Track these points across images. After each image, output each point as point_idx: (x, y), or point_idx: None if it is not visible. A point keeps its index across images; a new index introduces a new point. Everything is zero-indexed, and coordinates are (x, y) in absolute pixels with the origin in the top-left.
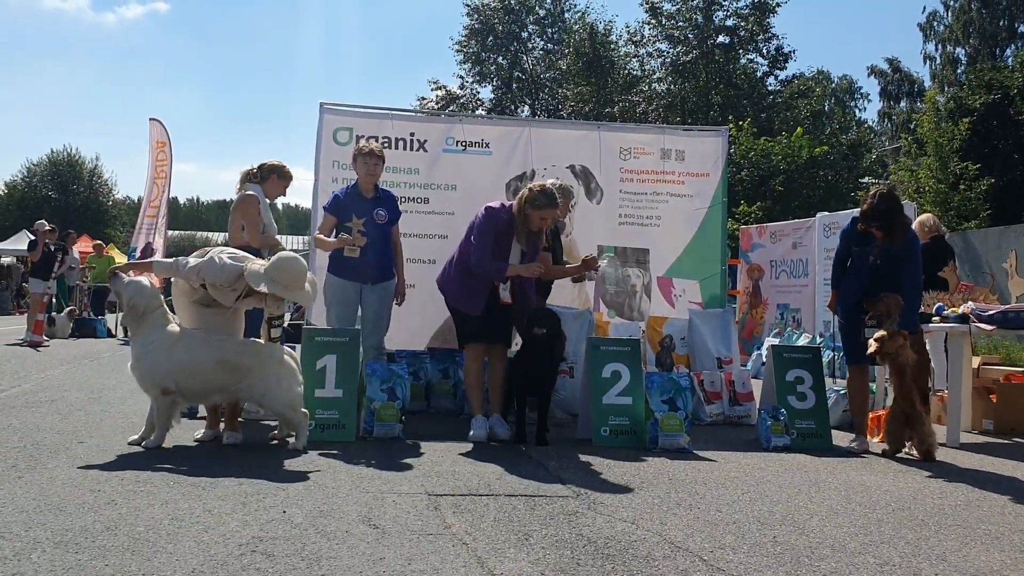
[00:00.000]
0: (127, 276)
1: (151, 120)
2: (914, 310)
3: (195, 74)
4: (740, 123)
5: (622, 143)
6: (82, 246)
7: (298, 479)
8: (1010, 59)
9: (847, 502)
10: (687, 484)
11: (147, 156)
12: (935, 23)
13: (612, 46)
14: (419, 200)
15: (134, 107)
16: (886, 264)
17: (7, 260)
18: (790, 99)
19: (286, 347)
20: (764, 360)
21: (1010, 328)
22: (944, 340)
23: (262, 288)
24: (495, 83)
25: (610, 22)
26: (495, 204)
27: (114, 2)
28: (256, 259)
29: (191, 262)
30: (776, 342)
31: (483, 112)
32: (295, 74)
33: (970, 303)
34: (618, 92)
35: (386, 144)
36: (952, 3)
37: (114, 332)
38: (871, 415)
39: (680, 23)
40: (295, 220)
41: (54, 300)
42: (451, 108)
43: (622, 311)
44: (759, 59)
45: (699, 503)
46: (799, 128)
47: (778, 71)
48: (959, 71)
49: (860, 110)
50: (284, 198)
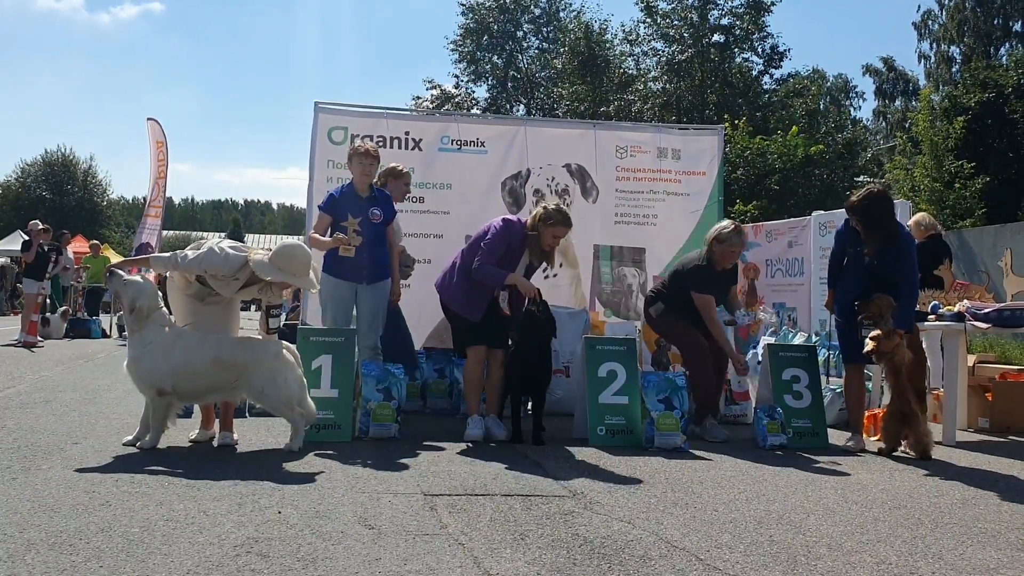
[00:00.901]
0: (126, 275)
1: (149, 120)
2: (910, 310)
3: (190, 74)
4: (736, 122)
5: (618, 142)
6: (76, 246)
7: (294, 480)
8: (1004, 58)
9: (843, 501)
10: (683, 483)
11: (148, 156)
12: (930, 22)
13: (607, 45)
14: (414, 199)
15: (129, 107)
16: (881, 264)
17: (1, 260)
18: (785, 98)
19: (285, 342)
20: (760, 359)
21: (1005, 326)
22: (940, 338)
23: (270, 277)
24: (490, 82)
25: (605, 21)
26: (512, 218)
27: (108, 2)
28: (258, 249)
29: (190, 255)
30: (772, 341)
31: (478, 111)
32: (290, 74)
33: (966, 301)
34: (613, 91)
35: (381, 143)
36: (947, 2)
37: (109, 332)
38: (867, 414)
39: (675, 22)
40: (290, 220)
41: (48, 301)
42: (446, 107)
43: (618, 310)
44: (754, 58)
45: (695, 502)
46: (794, 127)
47: (773, 70)
48: (954, 70)
49: (855, 109)
50: (281, 198)
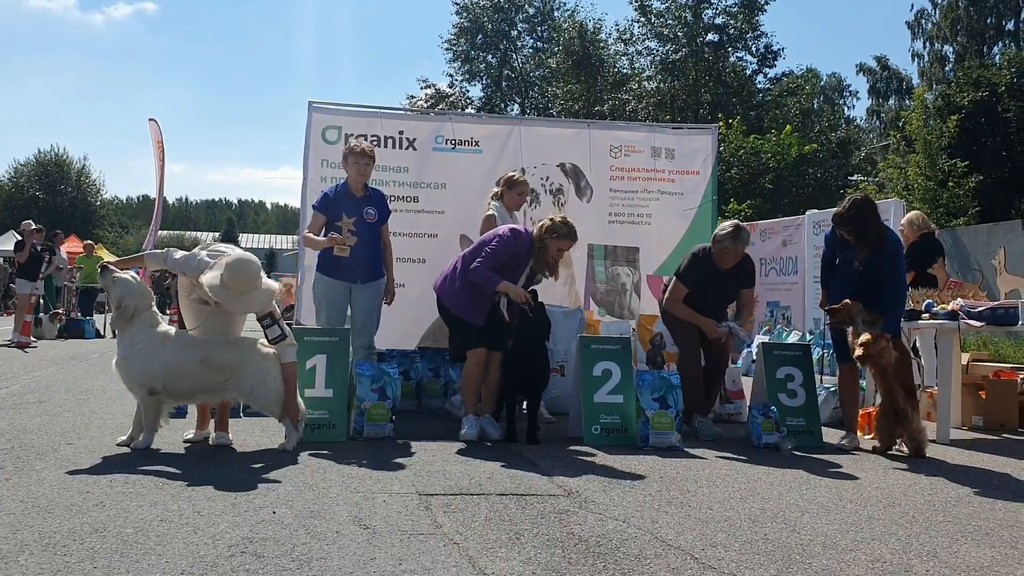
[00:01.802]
0: (117, 272)
1: (150, 121)
2: (898, 314)
3: (184, 74)
4: (730, 121)
5: (612, 141)
6: (70, 246)
7: (288, 479)
8: (998, 56)
9: (838, 499)
10: (678, 482)
11: (152, 157)
12: (923, 21)
13: (601, 44)
14: (408, 199)
15: (122, 107)
16: (870, 268)
17: None
18: (779, 97)
19: None
20: (754, 358)
21: (999, 325)
22: (934, 337)
23: (214, 298)
24: (485, 81)
25: (599, 20)
26: (520, 227)
27: (101, 2)
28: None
29: (177, 256)
30: (766, 339)
31: (472, 110)
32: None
33: (959, 300)
34: (608, 90)
35: (375, 143)
36: (940, 1)
37: (103, 332)
38: (861, 412)
39: (669, 21)
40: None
41: (42, 301)
42: (440, 106)
43: (612, 309)
44: (748, 57)
45: (690, 501)
46: (788, 126)
47: (767, 69)
48: (947, 69)
49: (849, 108)
50: (274, 197)
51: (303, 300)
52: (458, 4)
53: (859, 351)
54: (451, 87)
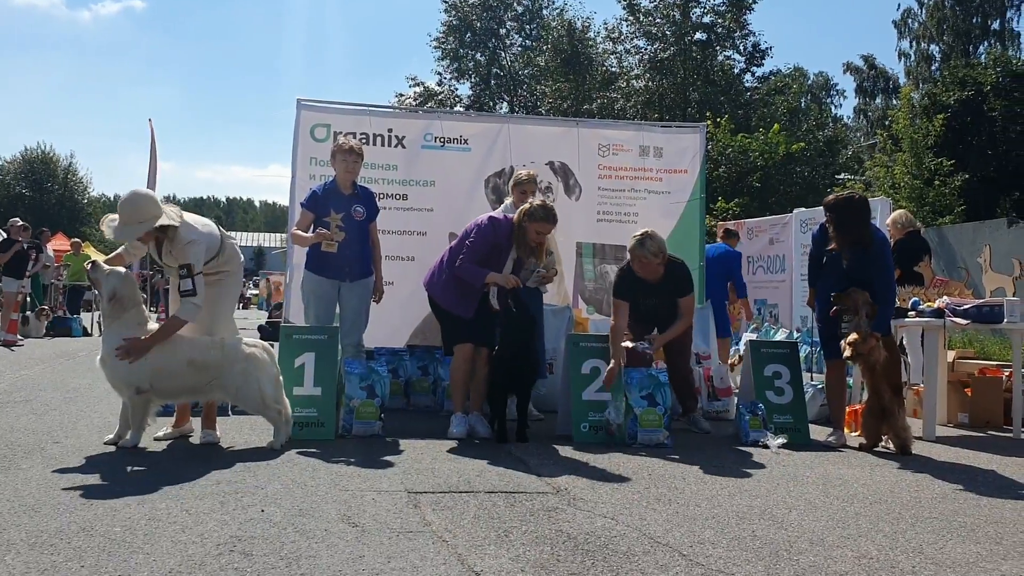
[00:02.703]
0: (107, 266)
1: (151, 120)
2: (887, 313)
3: (171, 72)
4: (718, 120)
5: (600, 140)
6: (56, 244)
7: (277, 478)
8: (983, 56)
9: (825, 496)
10: (666, 479)
11: (146, 154)
12: (910, 20)
13: (590, 43)
14: (397, 196)
15: (110, 105)
16: (857, 267)
17: None
18: (767, 96)
19: (261, 341)
20: (742, 355)
21: (984, 322)
22: (920, 334)
23: (110, 235)
24: (473, 79)
25: (588, 19)
26: (499, 215)
27: None
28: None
29: None
30: (754, 337)
31: (461, 109)
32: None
33: (945, 298)
34: (596, 89)
35: (364, 140)
36: (926, 0)
37: (90, 331)
38: (848, 409)
39: (657, 20)
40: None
41: (28, 299)
42: (429, 104)
43: (601, 307)
44: (736, 56)
45: (678, 498)
46: (776, 125)
47: (755, 68)
48: (933, 68)
49: (836, 107)
50: (263, 195)
51: (292, 298)
52: (447, 2)
53: (848, 351)
54: (440, 85)
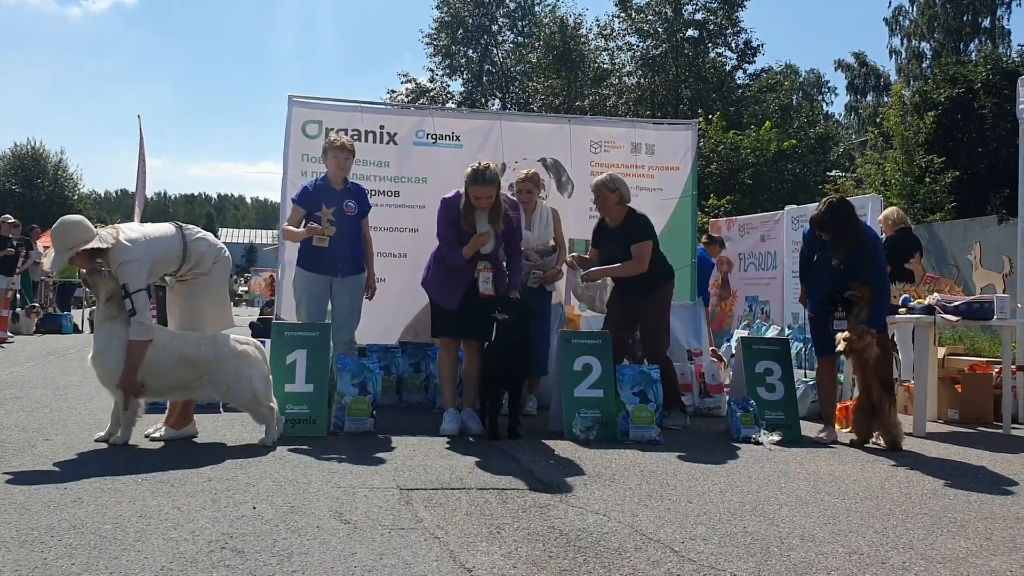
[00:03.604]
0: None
1: (139, 116)
2: (881, 309)
3: (162, 68)
4: (709, 117)
5: (592, 136)
6: (47, 241)
7: (268, 475)
8: (974, 54)
9: (816, 492)
10: (658, 476)
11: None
12: (901, 18)
13: (582, 39)
14: (389, 193)
15: (100, 101)
16: (848, 266)
17: None
18: (758, 93)
19: (252, 339)
20: (733, 352)
21: (974, 319)
22: (911, 331)
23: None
24: (465, 76)
25: (580, 15)
26: (449, 194)
27: None
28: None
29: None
30: (745, 334)
31: (453, 105)
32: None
33: (936, 294)
34: (588, 85)
35: (356, 137)
36: None
37: (80, 328)
38: (839, 405)
39: (649, 17)
40: (264, 214)
41: (18, 296)
42: (421, 101)
43: (593, 304)
44: (728, 53)
45: (670, 494)
46: (767, 122)
47: (747, 65)
48: (924, 65)
49: (827, 104)
50: (254, 192)
51: (283, 295)
52: None
53: (842, 345)
54: (432, 82)
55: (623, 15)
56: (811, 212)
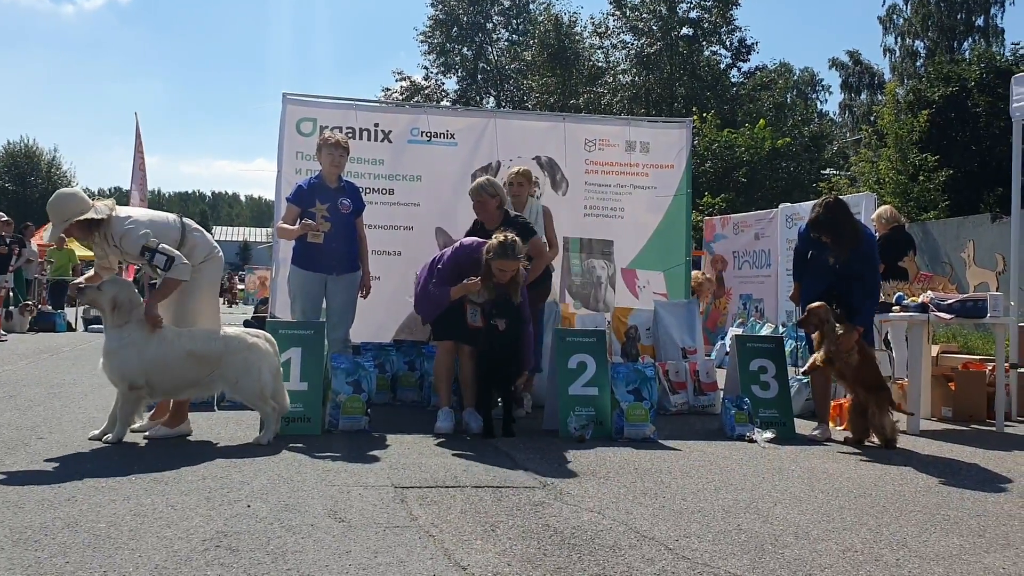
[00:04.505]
0: (95, 283)
1: (136, 114)
2: (871, 307)
3: (157, 66)
4: (704, 115)
5: (587, 135)
6: (40, 239)
7: (263, 473)
8: (967, 52)
9: (810, 489)
10: (652, 473)
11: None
12: (895, 16)
13: (577, 38)
14: (384, 191)
15: (94, 99)
16: (844, 266)
17: None
18: (753, 91)
19: (264, 332)
20: (728, 350)
21: (968, 317)
22: (905, 329)
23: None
24: (460, 74)
25: (575, 13)
26: (469, 241)
27: None
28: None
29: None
30: (740, 332)
31: (448, 103)
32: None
33: (929, 292)
34: (583, 84)
35: (350, 135)
36: None
37: (74, 326)
38: (833, 404)
39: (644, 15)
40: (258, 212)
41: (12, 294)
42: (416, 99)
43: (587, 302)
44: (722, 51)
45: (664, 492)
46: (762, 120)
47: (741, 63)
48: (918, 64)
49: (821, 102)
50: (248, 190)
51: (278, 293)
52: None
53: (821, 356)
54: (426, 79)
55: (618, 13)
56: (805, 210)
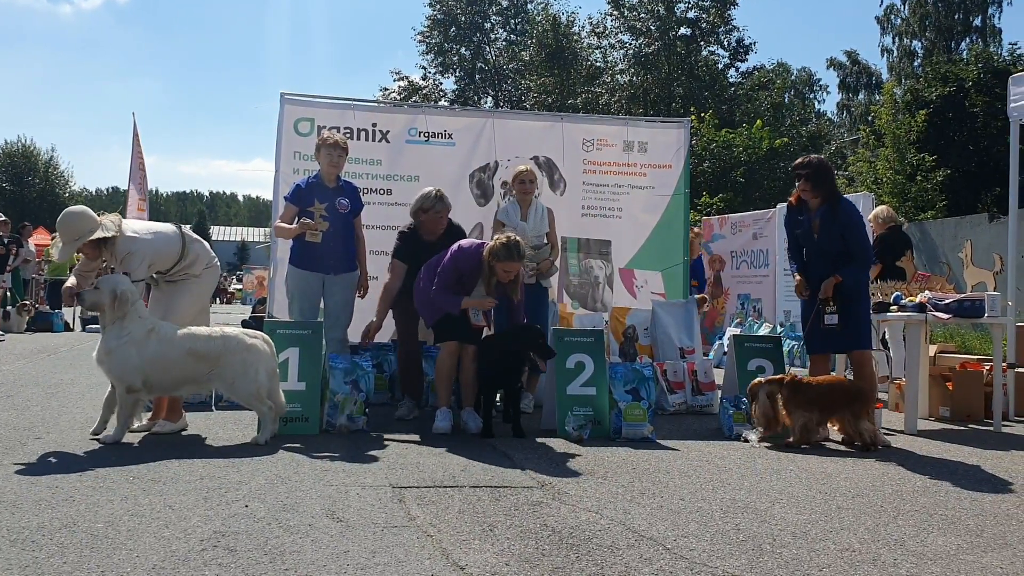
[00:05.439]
0: (89, 286)
1: (134, 114)
2: (861, 270)
3: (154, 65)
4: (702, 115)
5: (585, 135)
6: (38, 239)
7: (261, 473)
8: (965, 52)
9: (808, 489)
10: (650, 473)
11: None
12: (892, 16)
13: (575, 37)
14: (382, 191)
15: (91, 99)
16: (829, 239)
17: None
18: (751, 91)
19: (262, 333)
20: (726, 350)
21: (965, 317)
22: (903, 329)
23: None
24: (458, 74)
25: (573, 13)
26: (467, 243)
27: None
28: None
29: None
30: (738, 332)
31: (446, 103)
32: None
33: (927, 292)
34: (581, 83)
35: (348, 135)
36: None
37: (71, 326)
38: None
39: (642, 15)
40: (256, 211)
41: (9, 293)
42: (414, 99)
43: (586, 302)
44: (720, 51)
45: (662, 492)
46: (759, 120)
47: (739, 63)
48: (916, 64)
49: (819, 102)
50: (246, 190)
51: (275, 293)
52: None
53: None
54: (424, 79)
55: (616, 13)
56: None
